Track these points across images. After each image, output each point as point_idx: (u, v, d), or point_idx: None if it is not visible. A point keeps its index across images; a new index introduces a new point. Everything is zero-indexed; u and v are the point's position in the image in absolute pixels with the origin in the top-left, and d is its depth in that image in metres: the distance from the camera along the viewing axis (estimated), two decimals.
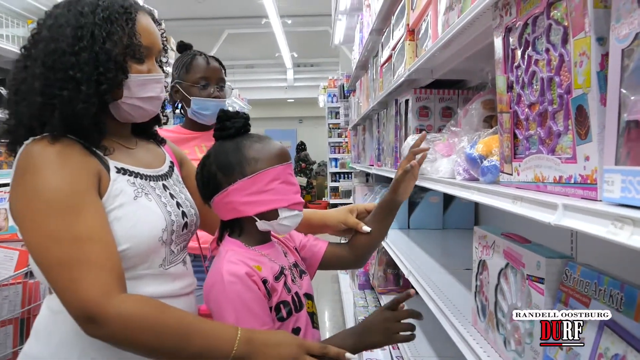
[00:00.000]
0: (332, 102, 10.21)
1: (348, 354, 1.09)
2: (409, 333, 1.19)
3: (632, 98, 0.66)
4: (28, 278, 1.90)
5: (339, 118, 9.32)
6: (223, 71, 2.11)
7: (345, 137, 9.86)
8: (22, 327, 1.88)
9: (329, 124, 10.74)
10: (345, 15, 5.36)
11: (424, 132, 1.53)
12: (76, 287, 0.95)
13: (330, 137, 10.81)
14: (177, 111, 2.13)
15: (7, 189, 2.22)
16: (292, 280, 1.24)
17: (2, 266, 1.90)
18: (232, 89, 2.05)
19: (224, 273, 1.13)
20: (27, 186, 1.00)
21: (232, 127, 1.23)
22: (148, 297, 1.04)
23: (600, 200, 0.74)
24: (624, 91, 0.68)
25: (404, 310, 1.20)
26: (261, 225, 1.20)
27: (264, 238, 1.26)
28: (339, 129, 10.52)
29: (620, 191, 0.67)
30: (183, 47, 2.15)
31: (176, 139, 1.91)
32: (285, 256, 1.29)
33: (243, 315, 1.10)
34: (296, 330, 1.19)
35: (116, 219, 1.06)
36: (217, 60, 2.10)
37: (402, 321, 1.19)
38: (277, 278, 1.19)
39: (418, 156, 1.42)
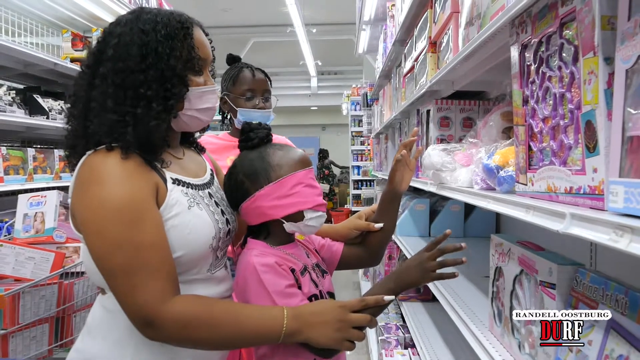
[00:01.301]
0: (355, 110, 10.25)
1: (386, 297, 1.18)
2: (447, 272, 1.27)
3: (634, 115, 0.71)
4: (63, 279, 1.99)
5: (361, 126, 9.36)
6: (269, 83, 2.19)
7: (368, 145, 9.90)
8: (57, 326, 1.96)
9: (351, 132, 10.78)
10: (370, 25, 5.43)
11: (415, 129, 1.60)
12: (135, 293, 1.03)
13: (353, 144, 10.85)
14: (226, 120, 2.21)
15: (44, 193, 2.32)
16: (317, 278, 1.31)
17: (38, 267, 1.99)
18: (277, 99, 2.13)
19: (255, 265, 1.20)
20: (92, 196, 1.06)
21: (255, 138, 1.32)
22: (197, 295, 1.12)
23: (606, 210, 0.79)
24: (628, 108, 0.73)
25: (438, 249, 1.29)
26: (289, 227, 1.28)
27: (288, 239, 1.33)
28: (361, 137, 10.55)
29: (624, 202, 0.72)
30: (232, 60, 2.24)
31: (224, 146, 2.02)
32: (308, 257, 1.37)
33: (282, 300, 1.17)
34: None
35: (172, 227, 1.12)
36: (262, 72, 2.19)
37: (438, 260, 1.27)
38: (302, 273, 1.27)
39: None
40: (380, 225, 1.51)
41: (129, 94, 1.11)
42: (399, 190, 1.51)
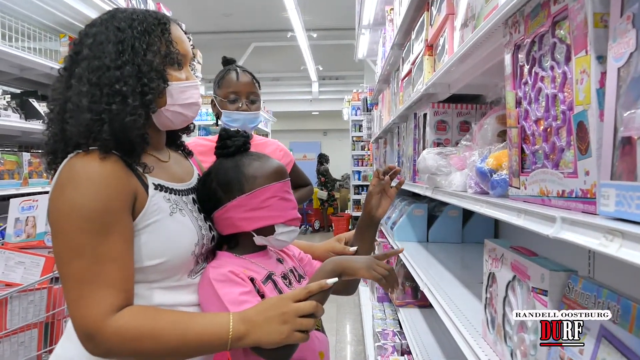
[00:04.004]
0: (356, 115, 10.24)
1: (328, 280, 1.14)
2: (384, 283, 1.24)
3: (626, 115, 0.68)
4: (53, 283, 1.96)
5: (362, 131, 9.34)
6: (256, 85, 2.17)
7: (368, 149, 9.87)
8: (47, 331, 1.93)
9: (352, 137, 10.76)
10: (369, 30, 5.43)
11: (393, 166, 1.58)
12: (83, 304, 1.00)
13: (354, 149, 10.82)
14: (219, 122, 2.20)
15: (36, 197, 2.30)
16: (287, 285, 1.28)
17: (28, 272, 1.96)
18: (264, 102, 2.10)
19: (210, 276, 1.18)
20: (66, 199, 1.04)
21: (232, 146, 1.29)
22: (144, 306, 1.09)
23: (598, 214, 0.76)
24: (620, 108, 0.71)
25: (388, 264, 1.27)
26: (258, 240, 1.26)
27: (258, 248, 1.30)
28: (362, 141, 10.53)
29: (615, 205, 0.69)
30: (226, 62, 2.23)
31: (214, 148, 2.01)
32: (281, 262, 1.34)
33: (235, 307, 1.13)
34: None
35: (153, 234, 1.10)
36: (250, 74, 2.17)
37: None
38: (264, 282, 1.23)
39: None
40: (355, 248, 1.49)
41: (105, 91, 1.09)
42: (376, 217, 1.50)
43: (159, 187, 1.15)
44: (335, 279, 1.16)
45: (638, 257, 0.57)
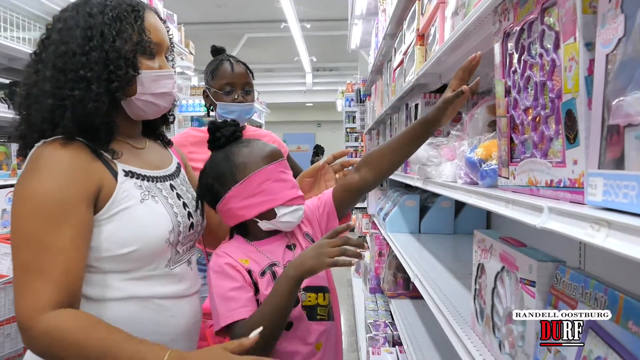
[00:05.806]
0: (350, 106, 10.22)
1: (252, 334, 1.03)
2: (343, 258, 1.11)
3: (614, 103, 0.67)
4: None
5: (355, 122, 9.32)
6: (250, 75, 2.14)
7: (362, 141, 9.85)
8: None
9: (346, 128, 10.74)
10: (362, 20, 5.38)
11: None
12: (22, 294, 0.98)
13: (348, 141, 10.80)
14: (212, 113, 2.16)
15: None
16: None
17: None
18: (259, 93, 2.07)
19: (210, 265, 1.21)
20: (25, 186, 1.03)
21: (221, 137, 1.28)
22: (84, 313, 1.02)
23: (586, 204, 0.74)
24: (608, 96, 0.69)
25: (339, 238, 1.14)
26: (264, 225, 1.25)
27: (271, 232, 1.29)
28: (355, 133, 10.52)
29: (603, 194, 0.68)
30: (215, 52, 2.19)
31: (207, 138, 1.98)
32: (291, 249, 1.30)
33: (221, 303, 1.14)
34: (288, 325, 1.21)
35: (123, 221, 1.09)
36: (243, 64, 2.13)
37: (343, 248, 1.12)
38: (262, 274, 1.22)
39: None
40: (324, 159, 1.49)
41: (69, 77, 1.07)
42: (443, 122, 1.33)
43: (129, 174, 1.14)
44: (259, 330, 1.05)
45: (624, 247, 0.56)
